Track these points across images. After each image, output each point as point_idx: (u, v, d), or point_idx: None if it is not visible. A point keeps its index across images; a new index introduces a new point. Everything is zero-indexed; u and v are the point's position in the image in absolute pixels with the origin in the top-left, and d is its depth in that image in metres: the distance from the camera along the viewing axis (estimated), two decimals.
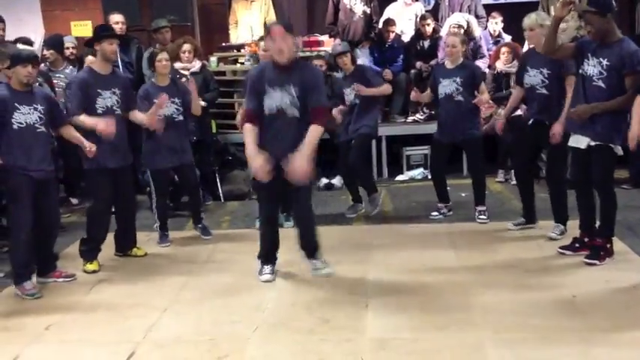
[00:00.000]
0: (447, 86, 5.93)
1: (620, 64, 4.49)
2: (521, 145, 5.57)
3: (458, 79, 5.89)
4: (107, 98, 5.01)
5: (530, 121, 5.37)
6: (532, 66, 5.25)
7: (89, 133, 4.91)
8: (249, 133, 4.39)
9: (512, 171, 7.19)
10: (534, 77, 5.23)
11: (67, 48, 7.21)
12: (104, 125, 4.86)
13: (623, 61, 4.49)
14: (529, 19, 5.22)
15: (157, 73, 5.64)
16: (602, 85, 4.57)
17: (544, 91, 5.19)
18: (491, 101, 7.59)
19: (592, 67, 4.59)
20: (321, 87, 4.51)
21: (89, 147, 4.81)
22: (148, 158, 5.71)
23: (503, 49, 7.47)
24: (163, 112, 5.52)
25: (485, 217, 5.99)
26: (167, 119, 5.54)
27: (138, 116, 5.30)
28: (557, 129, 5.08)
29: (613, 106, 4.55)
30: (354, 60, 6.34)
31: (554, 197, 5.40)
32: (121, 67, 7.06)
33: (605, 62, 4.54)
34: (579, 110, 4.66)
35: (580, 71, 4.69)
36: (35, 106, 4.59)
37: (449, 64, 6.01)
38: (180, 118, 5.69)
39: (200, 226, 5.94)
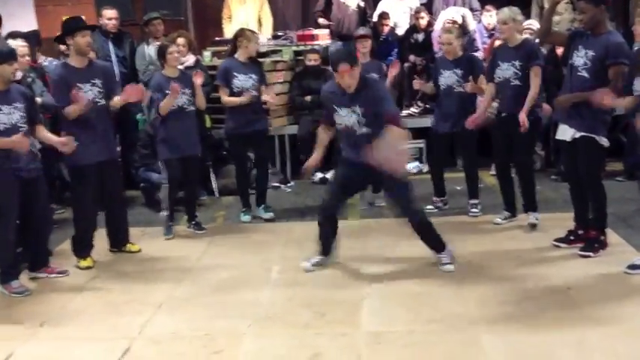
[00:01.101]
0: (448, 78, 5.95)
1: (604, 55, 4.52)
2: (497, 140, 5.68)
3: (458, 71, 5.92)
4: (88, 91, 4.93)
5: (503, 115, 5.47)
6: (503, 60, 5.40)
7: (78, 125, 4.90)
8: (319, 134, 4.86)
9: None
10: (507, 70, 5.36)
11: None
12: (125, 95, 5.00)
13: (607, 52, 4.52)
14: (502, 14, 5.39)
15: (168, 65, 5.66)
16: (586, 75, 4.60)
17: (517, 82, 5.32)
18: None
19: (580, 57, 4.64)
20: (385, 97, 4.52)
21: (65, 142, 4.70)
22: (160, 148, 5.73)
23: (497, 43, 7.46)
24: (176, 102, 5.57)
25: (477, 211, 6.04)
26: (179, 109, 5.58)
27: (116, 101, 5.15)
28: (521, 117, 5.21)
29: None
30: (372, 50, 6.37)
31: (523, 186, 5.52)
32: (115, 62, 7.03)
33: (590, 53, 4.58)
34: (561, 99, 4.74)
35: (569, 61, 4.73)
36: (15, 104, 4.49)
37: (450, 57, 6.03)
38: (192, 108, 5.73)
39: (194, 222, 5.95)
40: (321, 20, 8.55)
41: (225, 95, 6.08)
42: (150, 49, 7.15)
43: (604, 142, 4.68)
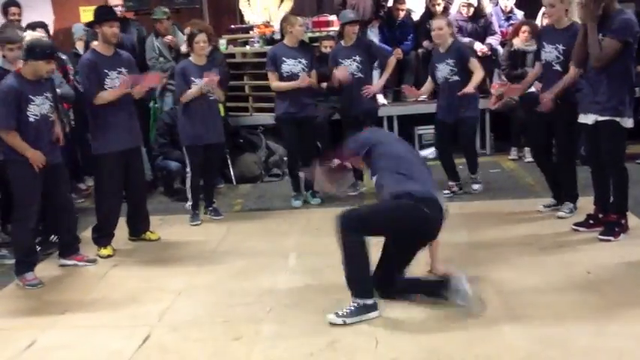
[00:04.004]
0: (442, 70, 6.04)
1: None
2: (535, 125, 5.52)
3: (450, 61, 5.98)
4: (115, 79, 5.01)
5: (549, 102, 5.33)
6: (548, 42, 5.20)
7: (105, 112, 4.95)
8: None
9: (526, 148, 7.15)
10: (549, 53, 5.18)
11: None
12: (125, 85, 4.94)
13: (612, 27, 4.49)
14: None
15: (194, 54, 5.71)
16: None
17: (558, 67, 5.13)
18: (504, 78, 7.52)
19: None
20: None
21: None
22: (183, 134, 5.77)
23: (524, 28, 7.25)
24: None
25: (477, 186, 6.15)
26: (202, 97, 5.64)
27: (137, 89, 5.18)
28: (543, 95, 5.11)
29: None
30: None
31: (563, 175, 5.37)
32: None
33: (606, 32, 4.53)
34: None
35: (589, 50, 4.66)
36: (46, 94, 4.59)
37: (441, 49, 6.08)
38: (214, 96, 5.76)
39: (211, 208, 5.99)
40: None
41: (274, 80, 6.11)
42: (158, 42, 7.17)
43: (629, 123, 4.63)
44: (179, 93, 5.71)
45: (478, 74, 6.03)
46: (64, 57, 6.50)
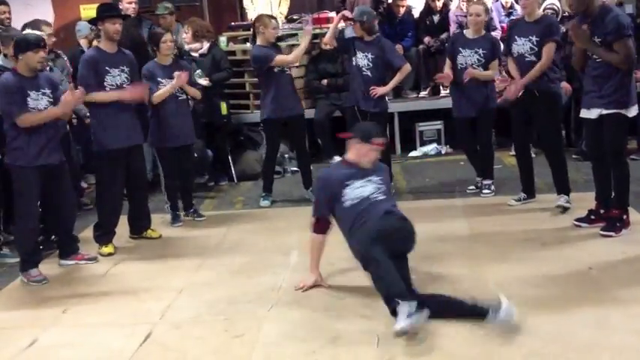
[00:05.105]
0: (469, 57, 5.83)
1: (608, 32, 4.53)
2: (515, 119, 5.58)
3: (480, 51, 5.81)
4: (116, 76, 5.02)
5: (520, 92, 5.35)
6: (520, 35, 5.29)
7: (107, 110, 4.97)
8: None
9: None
10: (523, 45, 5.26)
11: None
12: (127, 94, 4.93)
13: (609, 30, 4.52)
14: None
15: (160, 54, 5.64)
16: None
17: (533, 58, 5.22)
18: (505, 74, 7.49)
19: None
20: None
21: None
22: (154, 136, 5.72)
23: None
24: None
25: (489, 192, 5.96)
26: (171, 98, 5.57)
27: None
28: (514, 86, 5.22)
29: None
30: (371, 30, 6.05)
31: (553, 168, 5.40)
32: None
33: (597, 39, 4.56)
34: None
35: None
36: (43, 90, 4.58)
37: (470, 34, 5.90)
38: (184, 97, 5.71)
39: (192, 210, 5.93)
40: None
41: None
42: None
43: (633, 111, 4.65)
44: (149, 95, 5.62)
45: (493, 73, 5.92)
46: (64, 56, 6.51)
